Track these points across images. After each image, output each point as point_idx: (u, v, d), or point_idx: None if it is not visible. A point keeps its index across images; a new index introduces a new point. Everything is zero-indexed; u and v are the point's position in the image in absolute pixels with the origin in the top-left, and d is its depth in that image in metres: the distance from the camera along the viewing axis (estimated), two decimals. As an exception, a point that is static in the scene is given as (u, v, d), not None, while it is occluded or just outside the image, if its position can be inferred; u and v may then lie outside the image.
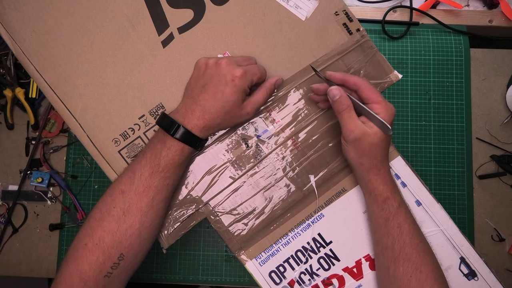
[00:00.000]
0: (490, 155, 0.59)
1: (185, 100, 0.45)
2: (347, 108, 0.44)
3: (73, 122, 0.48)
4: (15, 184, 0.61)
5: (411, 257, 0.43)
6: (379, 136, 0.43)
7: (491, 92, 0.60)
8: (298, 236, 0.51)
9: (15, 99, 0.61)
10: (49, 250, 0.60)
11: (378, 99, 0.43)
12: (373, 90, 0.44)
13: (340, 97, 0.44)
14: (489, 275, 0.49)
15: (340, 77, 0.45)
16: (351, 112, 0.44)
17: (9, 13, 0.46)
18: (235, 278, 0.58)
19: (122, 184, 0.43)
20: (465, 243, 0.50)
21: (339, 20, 0.50)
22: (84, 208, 0.60)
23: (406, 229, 0.44)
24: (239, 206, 0.50)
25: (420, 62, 0.60)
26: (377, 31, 0.61)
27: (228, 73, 0.43)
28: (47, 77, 0.47)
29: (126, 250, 0.41)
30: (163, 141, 0.43)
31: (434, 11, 0.62)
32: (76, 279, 0.39)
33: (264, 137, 0.50)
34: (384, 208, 0.45)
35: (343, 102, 0.44)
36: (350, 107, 0.44)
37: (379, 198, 0.45)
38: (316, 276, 0.51)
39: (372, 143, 0.43)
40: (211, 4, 0.49)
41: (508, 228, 0.58)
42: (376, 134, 0.43)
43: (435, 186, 0.58)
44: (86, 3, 0.47)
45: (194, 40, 0.49)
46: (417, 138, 0.59)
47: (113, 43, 0.48)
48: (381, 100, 0.43)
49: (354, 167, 0.47)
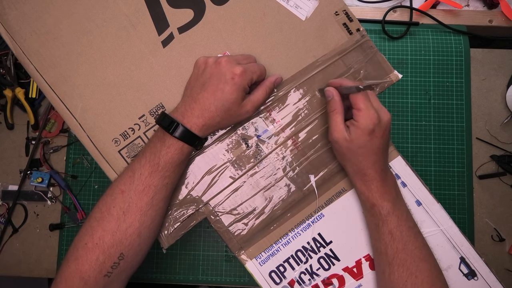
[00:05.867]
0: (490, 155, 0.59)
1: (185, 99, 0.45)
2: (334, 110, 0.46)
3: (73, 122, 0.48)
4: (15, 184, 0.61)
5: (405, 262, 0.43)
6: (356, 143, 0.43)
7: (491, 92, 0.60)
8: (298, 236, 0.51)
9: (15, 99, 0.61)
10: (49, 250, 0.60)
11: (360, 106, 0.43)
12: (359, 97, 0.44)
13: (332, 99, 0.46)
14: (489, 275, 0.49)
15: (337, 82, 0.48)
16: (337, 115, 0.45)
17: (9, 13, 0.46)
18: (235, 278, 0.58)
19: (122, 183, 0.43)
20: (465, 243, 0.50)
21: (339, 20, 0.50)
22: (84, 208, 0.60)
23: (398, 236, 0.44)
24: (239, 206, 0.50)
25: (420, 62, 0.60)
26: (377, 31, 0.61)
27: (228, 71, 0.43)
28: (47, 77, 0.47)
29: (126, 250, 0.41)
30: (163, 140, 0.43)
31: (434, 11, 0.62)
32: (76, 279, 0.39)
33: (264, 137, 0.50)
34: (373, 215, 0.46)
35: (332, 104, 0.46)
36: (338, 111, 0.45)
37: (366, 204, 0.46)
38: (316, 276, 0.51)
39: (349, 148, 0.44)
40: (211, 4, 0.49)
41: (508, 228, 0.58)
42: (353, 141, 0.44)
43: (435, 186, 0.58)
44: (86, 3, 0.47)
45: (194, 40, 0.49)
46: (417, 138, 0.59)
47: (113, 43, 0.48)
48: (363, 107, 0.43)
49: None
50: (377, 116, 0.43)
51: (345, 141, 0.44)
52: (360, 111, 0.43)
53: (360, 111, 0.43)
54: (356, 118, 0.44)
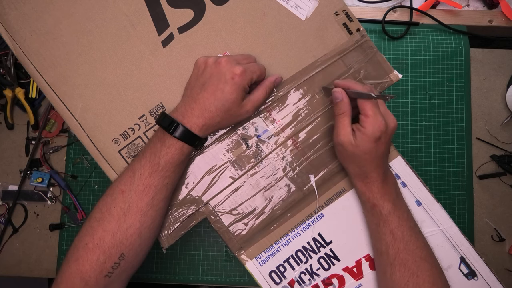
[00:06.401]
0: (490, 155, 0.59)
1: (185, 99, 0.45)
2: (343, 113, 0.45)
3: (73, 122, 0.48)
4: (15, 184, 0.61)
5: (407, 262, 0.43)
6: (361, 149, 0.43)
7: (491, 92, 0.60)
8: (298, 236, 0.51)
9: (15, 99, 0.61)
10: (49, 250, 0.60)
11: (368, 112, 0.43)
12: (367, 103, 0.43)
13: (341, 101, 0.45)
14: (489, 275, 0.49)
15: (346, 85, 0.46)
16: (345, 118, 0.44)
17: (9, 13, 0.46)
18: (235, 278, 0.58)
19: (122, 183, 0.43)
20: (465, 243, 0.50)
21: (339, 20, 0.50)
22: (84, 208, 0.60)
23: (399, 236, 0.44)
24: (239, 206, 0.50)
25: (420, 62, 0.60)
26: (377, 31, 0.61)
27: (228, 71, 0.43)
28: (47, 77, 0.47)
29: (126, 250, 0.41)
30: (163, 140, 0.43)
31: (434, 11, 0.62)
32: (77, 279, 0.39)
33: (264, 137, 0.50)
34: (373, 215, 0.46)
35: (341, 107, 0.45)
36: (346, 113, 0.44)
37: (367, 204, 0.47)
38: (316, 276, 0.51)
39: (354, 153, 0.44)
40: (211, 4, 0.49)
41: (508, 228, 0.58)
42: (358, 147, 0.43)
43: (435, 186, 0.58)
44: (86, 3, 0.47)
45: (194, 40, 0.49)
46: (417, 138, 0.59)
47: (113, 43, 0.48)
48: (371, 114, 0.42)
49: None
50: (384, 124, 0.43)
51: (351, 145, 0.44)
52: (368, 118, 0.43)
53: (368, 117, 0.43)
54: (363, 124, 0.43)
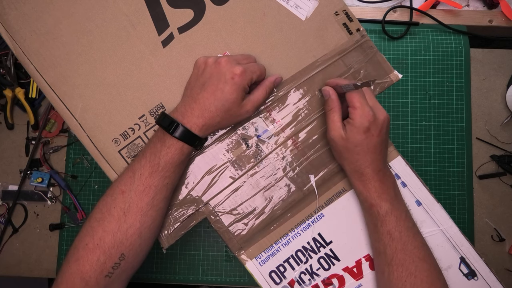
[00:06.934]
0: (490, 155, 0.59)
1: (185, 99, 0.45)
2: (332, 109, 0.46)
3: (73, 122, 0.48)
4: (15, 184, 0.61)
5: (405, 262, 0.43)
6: (352, 142, 0.44)
7: (491, 92, 0.60)
8: (298, 236, 0.51)
9: (15, 99, 0.61)
10: (49, 250, 0.60)
11: (355, 104, 0.43)
12: (354, 95, 0.44)
13: (329, 98, 0.46)
14: (489, 275, 0.49)
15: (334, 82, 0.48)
16: (334, 114, 0.46)
17: (9, 13, 0.46)
18: (235, 278, 0.58)
19: (122, 184, 0.43)
20: (465, 243, 0.50)
21: (339, 20, 0.50)
22: (84, 208, 0.60)
23: (397, 236, 0.44)
24: (239, 206, 0.50)
25: (420, 62, 0.60)
26: (377, 31, 0.61)
27: (228, 71, 0.43)
28: (47, 77, 0.47)
29: (127, 250, 0.41)
30: (163, 140, 0.43)
31: (434, 11, 0.62)
32: (77, 280, 0.39)
33: (264, 137, 0.50)
34: (371, 215, 0.46)
35: (330, 103, 0.46)
36: (335, 109, 0.46)
37: (365, 204, 0.47)
38: (316, 276, 0.51)
39: (346, 147, 0.44)
40: (211, 4, 0.49)
41: (508, 228, 0.58)
42: (349, 139, 0.44)
43: (435, 186, 0.58)
44: (86, 3, 0.47)
45: (194, 40, 0.49)
46: (417, 138, 0.59)
47: (113, 43, 0.48)
48: (358, 105, 0.43)
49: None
50: (372, 114, 0.43)
51: (342, 139, 0.44)
52: (356, 109, 0.43)
53: (356, 109, 0.43)
54: (351, 116, 0.44)
